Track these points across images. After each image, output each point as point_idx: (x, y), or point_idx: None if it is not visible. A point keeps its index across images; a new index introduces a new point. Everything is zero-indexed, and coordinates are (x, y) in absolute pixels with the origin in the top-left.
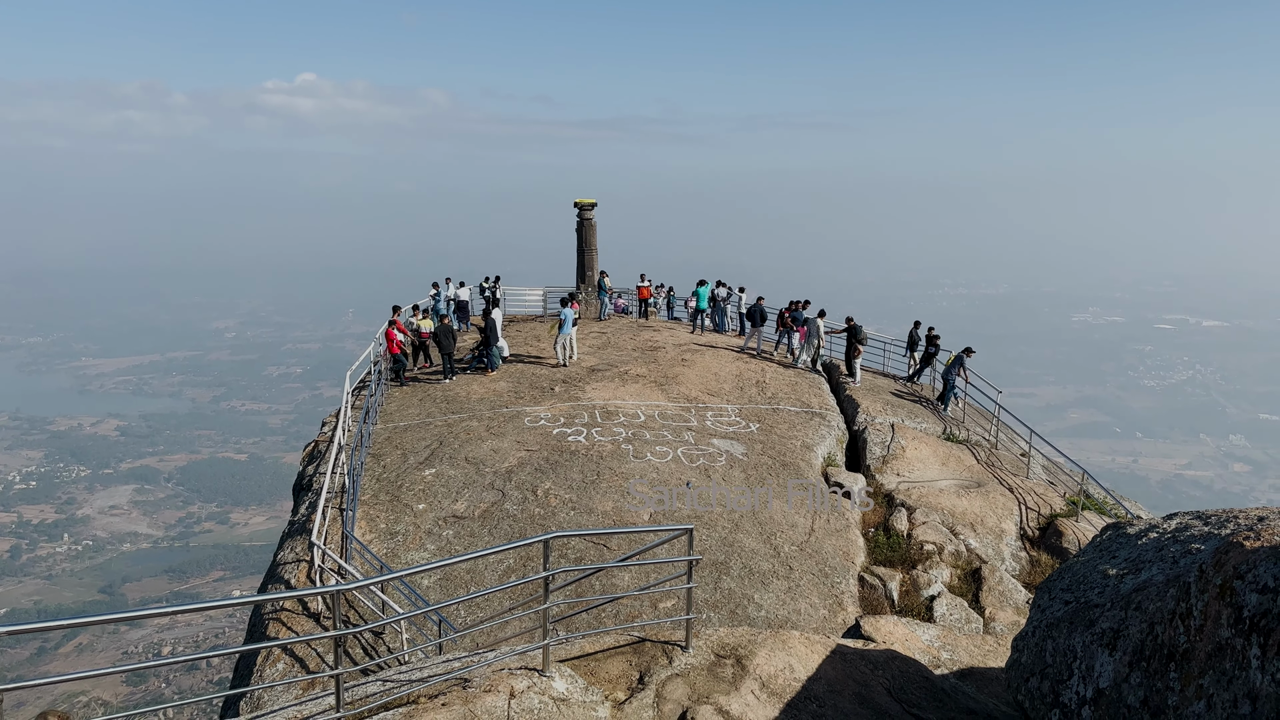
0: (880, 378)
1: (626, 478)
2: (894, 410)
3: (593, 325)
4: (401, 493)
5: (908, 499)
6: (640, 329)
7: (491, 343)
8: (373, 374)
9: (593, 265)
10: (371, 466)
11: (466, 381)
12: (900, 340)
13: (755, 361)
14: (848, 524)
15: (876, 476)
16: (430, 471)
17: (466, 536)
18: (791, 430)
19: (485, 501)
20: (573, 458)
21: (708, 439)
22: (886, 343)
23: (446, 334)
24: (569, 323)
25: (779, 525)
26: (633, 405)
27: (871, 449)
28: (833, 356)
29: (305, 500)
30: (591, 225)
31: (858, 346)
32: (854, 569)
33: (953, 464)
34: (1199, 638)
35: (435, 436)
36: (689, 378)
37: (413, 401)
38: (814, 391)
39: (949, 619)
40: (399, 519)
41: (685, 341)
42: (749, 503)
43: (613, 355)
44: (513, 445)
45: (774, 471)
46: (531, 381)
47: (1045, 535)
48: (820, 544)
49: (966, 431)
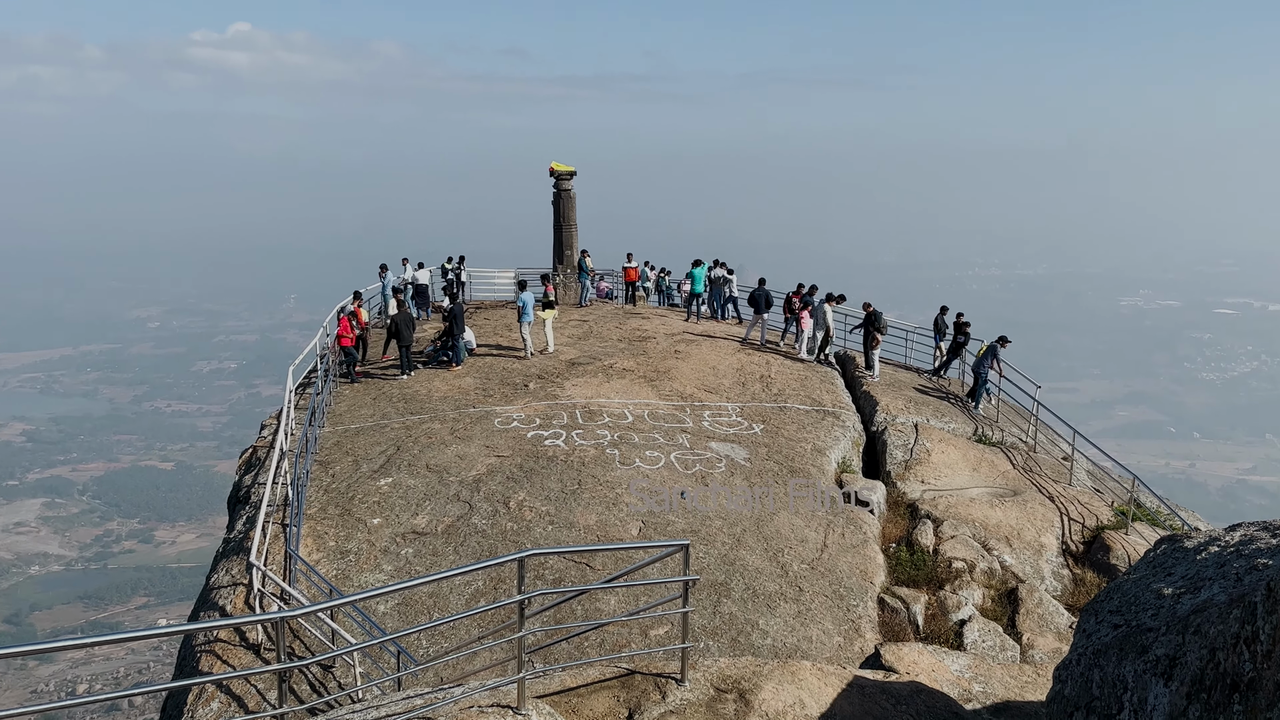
0: (902, 371)
1: (612, 487)
2: (918, 408)
3: (573, 312)
4: (353, 506)
5: (934, 510)
6: (627, 316)
7: (456, 333)
8: (319, 369)
9: (572, 243)
10: (319, 476)
11: (427, 378)
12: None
13: (759, 353)
14: (865, 539)
15: (898, 484)
16: (386, 481)
17: (429, 555)
18: (801, 432)
19: (450, 515)
20: (550, 464)
21: (705, 442)
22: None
23: (405, 323)
24: (529, 308)
25: (787, 540)
26: (619, 404)
27: (892, 453)
28: (848, 348)
29: (242, 515)
30: (570, 197)
31: (876, 336)
32: (873, 590)
33: (985, 469)
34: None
35: (392, 441)
36: (683, 372)
37: (365, 401)
38: (826, 387)
39: (981, 646)
40: (351, 536)
41: (679, 331)
42: (752, 515)
43: (595, 346)
44: (481, 451)
45: (781, 479)
46: (502, 377)
47: (1090, 550)
48: (834, 562)
49: (1000, 432)
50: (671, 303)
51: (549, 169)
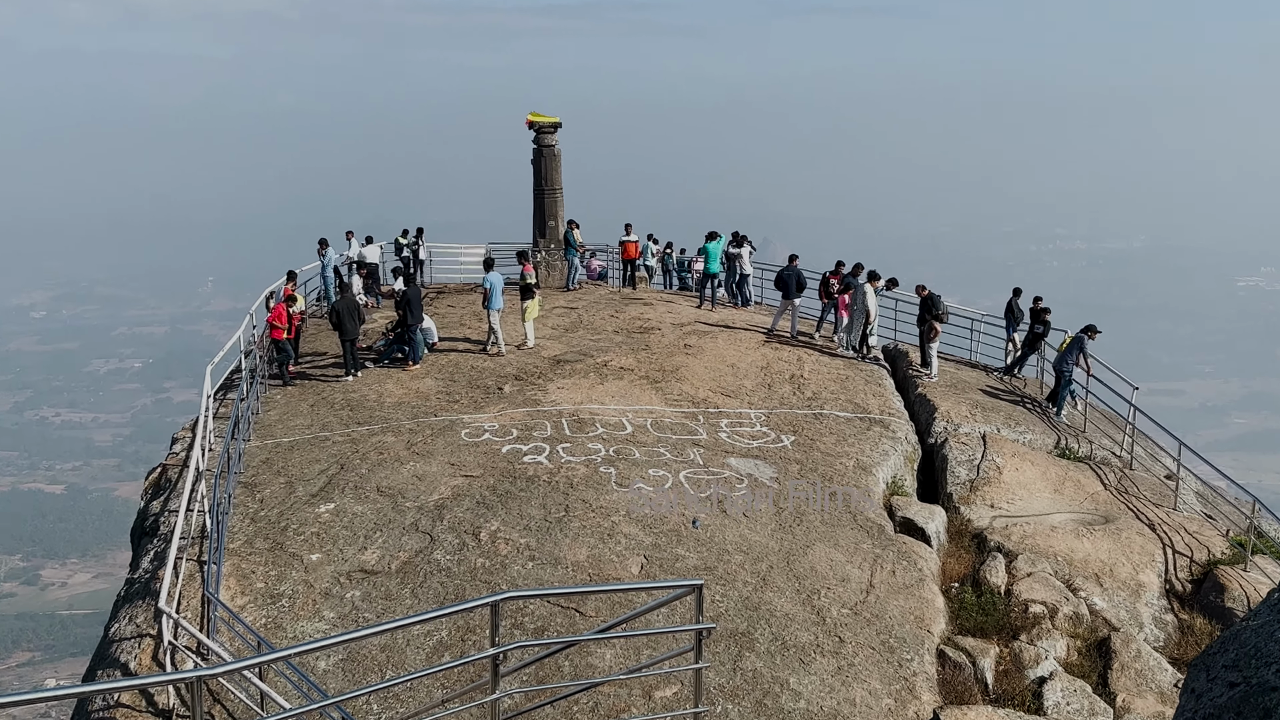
0: (966, 369)
1: (607, 514)
2: (986, 415)
3: (558, 297)
4: (287, 538)
5: (1006, 541)
6: (625, 302)
7: (412, 324)
8: (244, 369)
9: (556, 212)
10: (244, 501)
11: (378, 379)
12: (994, 316)
13: (789, 348)
14: (922, 577)
15: (962, 509)
16: (327, 508)
17: (380, 600)
18: (841, 445)
19: (406, 549)
20: (531, 486)
21: (722, 458)
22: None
23: (349, 312)
24: (498, 293)
25: (824, 579)
26: (615, 411)
27: (954, 470)
28: (899, 341)
29: (149, 550)
30: (554, 155)
31: (934, 326)
32: (931, 640)
33: (1069, 491)
34: None
35: (334, 458)
36: (695, 371)
37: (301, 408)
38: (872, 390)
39: (1065, 710)
40: (284, 575)
41: (689, 320)
42: (781, 548)
43: (586, 340)
44: (445, 469)
45: (816, 503)
46: (471, 378)
47: (1201, 591)
48: (883, 605)
49: (1089, 445)
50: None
51: (527, 120)
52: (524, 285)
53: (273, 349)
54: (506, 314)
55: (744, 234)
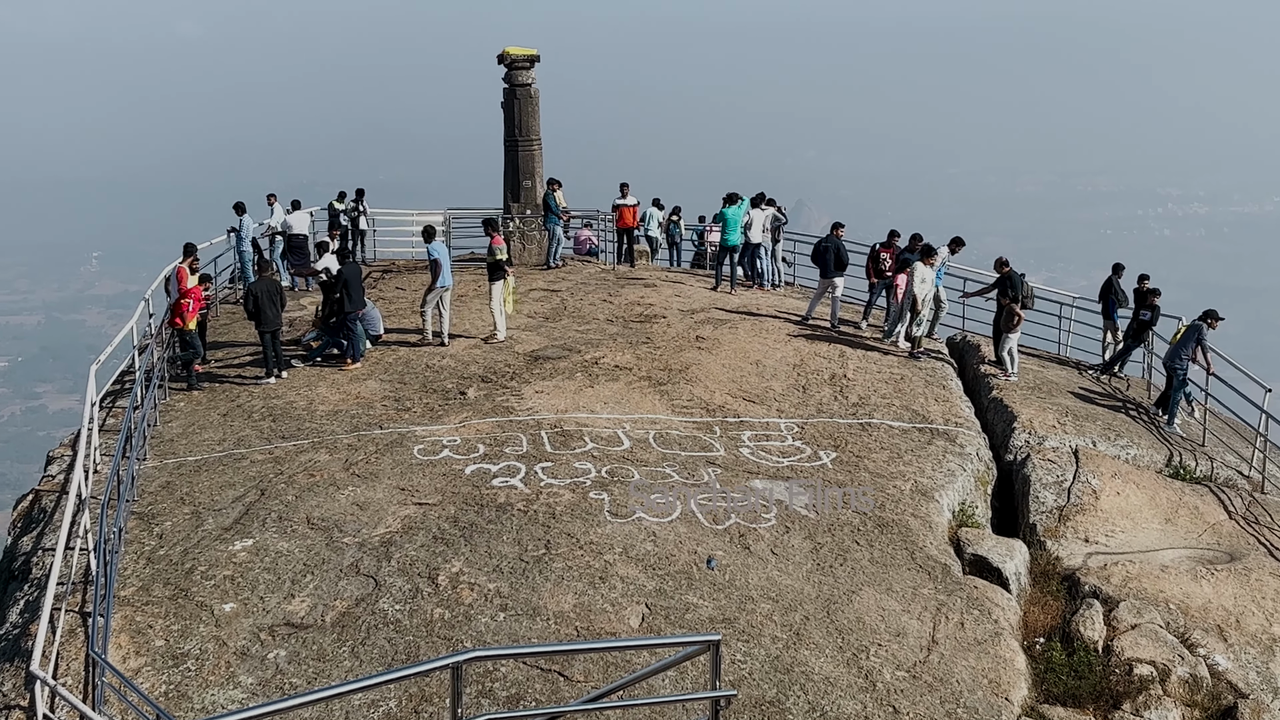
0: (1053, 366)
1: (599, 552)
2: (1079, 425)
3: (536, 277)
4: (193, 583)
5: (1104, 584)
6: (621, 283)
7: (351, 311)
8: (138, 369)
9: (533, 169)
10: (139, 537)
11: (307, 381)
12: (1089, 299)
13: (828, 341)
14: (998, 630)
15: (1048, 544)
16: (244, 545)
17: (312, 660)
18: (894, 463)
19: (344, 597)
20: (502, 517)
21: (745, 480)
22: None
23: (269, 296)
24: (447, 270)
25: (874, 634)
26: (609, 421)
27: (1039, 495)
28: (968, 329)
29: (19, 598)
30: (531, 97)
31: (1015, 312)
32: (1010, 711)
33: (1185, 520)
34: None
35: (253, 481)
36: (709, 371)
37: (211, 418)
38: (934, 393)
39: None
40: (189, 630)
41: (703, 305)
42: (819, 594)
43: (572, 331)
44: (393, 496)
45: (863, 537)
46: (426, 380)
47: None
48: (949, 667)
49: (1209, 462)
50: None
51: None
52: (492, 262)
53: (176, 342)
54: (471, 299)
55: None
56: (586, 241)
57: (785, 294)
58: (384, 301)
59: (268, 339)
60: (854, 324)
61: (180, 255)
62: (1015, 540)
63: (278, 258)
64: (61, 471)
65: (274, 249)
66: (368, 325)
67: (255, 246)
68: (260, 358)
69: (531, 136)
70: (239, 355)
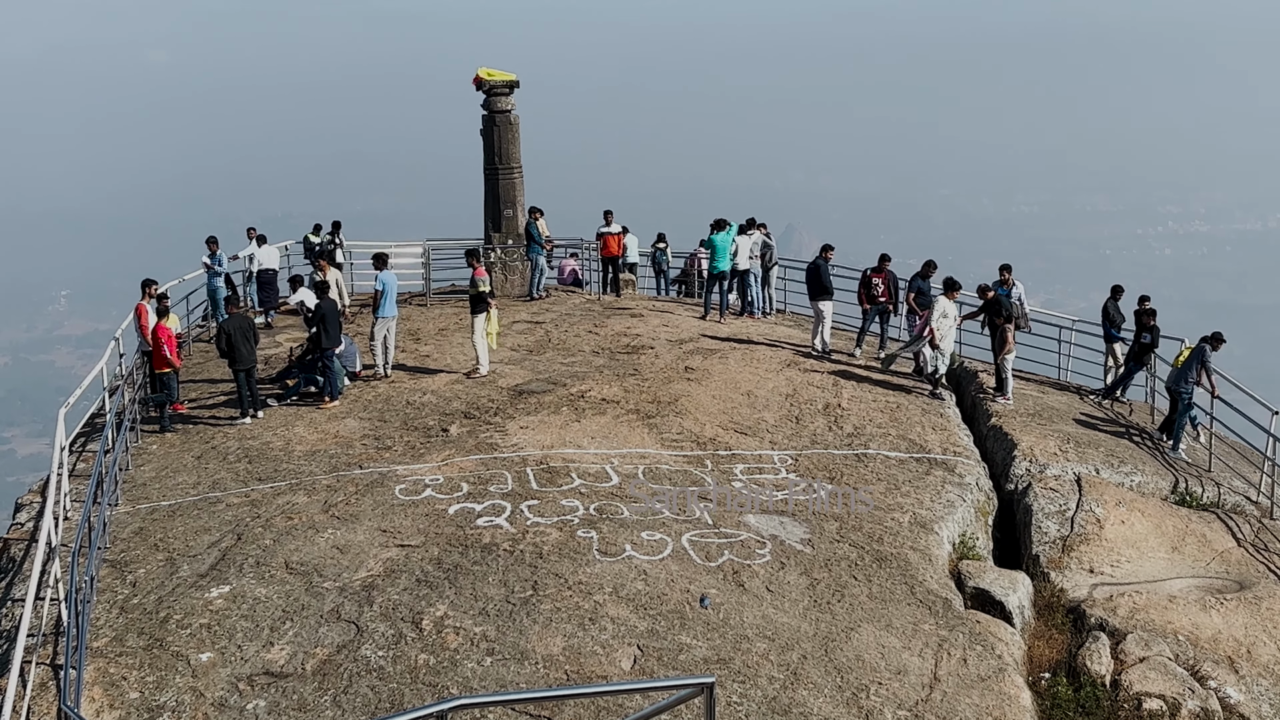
0: (1053, 392)
1: (588, 592)
2: (1080, 452)
3: (518, 309)
4: (168, 633)
5: (1111, 616)
6: (607, 313)
7: (329, 347)
8: (109, 411)
9: (514, 197)
10: (112, 585)
11: (284, 420)
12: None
13: (820, 369)
14: (1002, 666)
15: (1052, 576)
16: (221, 592)
17: (293, 710)
18: (892, 495)
19: (325, 644)
20: (487, 558)
21: (738, 515)
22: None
23: (242, 333)
24: (391, 298)
25: (874, 672)
26: (596, 457)
27: (1041, 525)
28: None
29: None
30: (510, 123)
31: (1008, 335)
32: None
33: (1192, 548)
34: None
35: (229, 526)
36: (700, 402)
37: (185, 461)
38: (931, 421)
39: None
40: (165, 682)
41: (692, 334)
42: (817, 631)
43: (557, 364)
44: (374, 538)
45: (861, 572)
46: (406, 418)
47: None
48: (952, 705)
49: (1216, 488)
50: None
51: (474, 78)
52: (475, 294)
53: (150, 384)
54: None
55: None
56: (571, 272)
57: (776, 322)
58: (361, 336)
59: (241, 377)
60: (851, 355)
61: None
62: (1018, 572)
63: (252, 293)
64: (30, 519)
65: (249, 284)
66: (345, 361)
67: (229, 282)
68: (234, 397)
69: (512, 164)
70: (212, 395)
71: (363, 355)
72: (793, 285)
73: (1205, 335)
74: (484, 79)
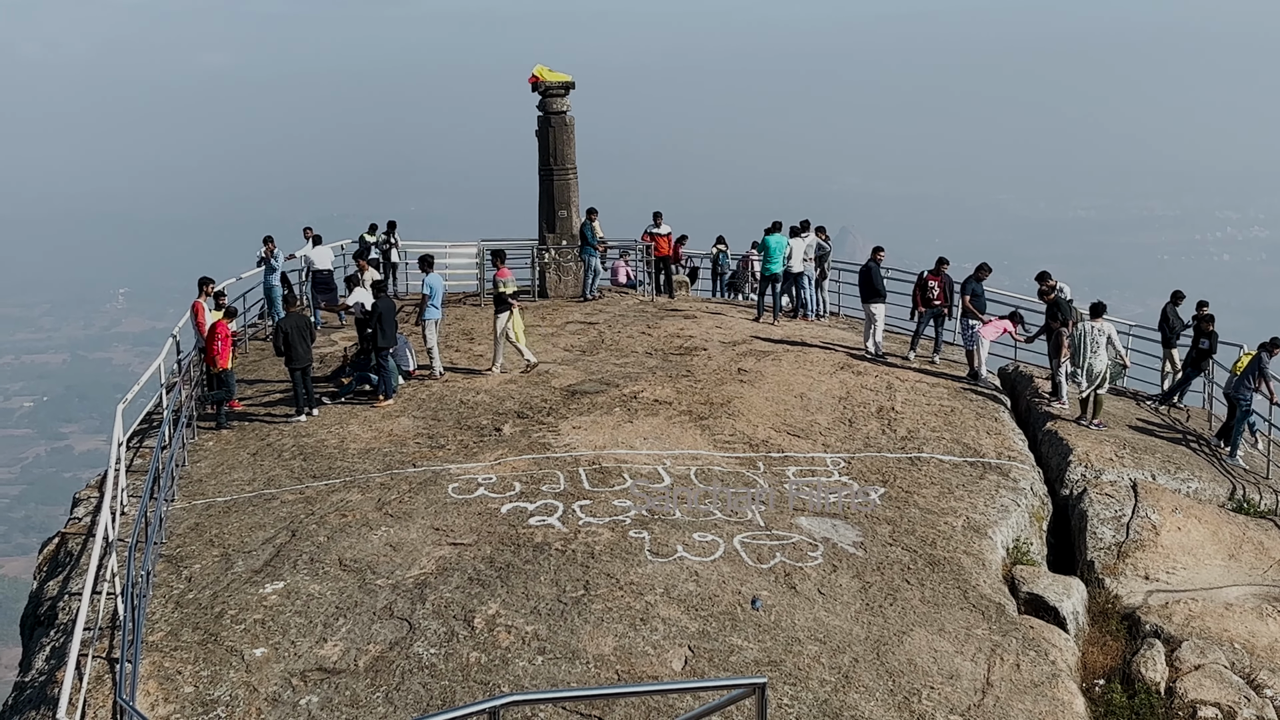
0: (1109, 397)
1: (639, 592)
2: (1137, 458)
3: (571, 310)
4: (223, 627)
5: (1166, 623)
6: (661, 314)
7: (384, 346)
8: (166, 408)
9: (569, 198)
10: (168, 579)
11: (339, 418)
12: (1146, 327)
13: (874, 372)
14: (1055, 672)
15: (1107, 582)
16: (275, 588)
17: (344, 707)
18: (946, 499)
19: (378, 641)
20: (539, 557)
21: (790, 517)
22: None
23: (299, 333)
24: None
25: (926, 676)
26: (649, 458)
27: (1096, 531)
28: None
29: (45, 644)
30: (566, 124)
31: (1063, 338)
32: None
33: (1249, 556)
34: None
35: (283, 522)
36: (752, 404)
37: (241, 458)
38: (986, 425)
39: None
40: (219, 676)
41: (745, 336)
42: (869, 635)
43: (610, 364)
44: (428, 536)
45: (914, 576)
46: (460, 416)
47: None
48: (1005, 710)
49: (1274, 495)
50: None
51: (531, 78)
52: (498, 295)
53: (208, 381)
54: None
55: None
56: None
57: (830, 324)
58: (416, 336)
59: (298, 376)
60: (904, 358)
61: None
62: (1072, 578)
63: (308, 293)
64: (88, 514)
65: (305, 284)
66: (399, 361)
67: (285, 281)
68: (290, 395)
69: (566, 165)
70: (269, 393)
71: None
72: (846, 288)
73: (1264, 341)
74: (540, 79)
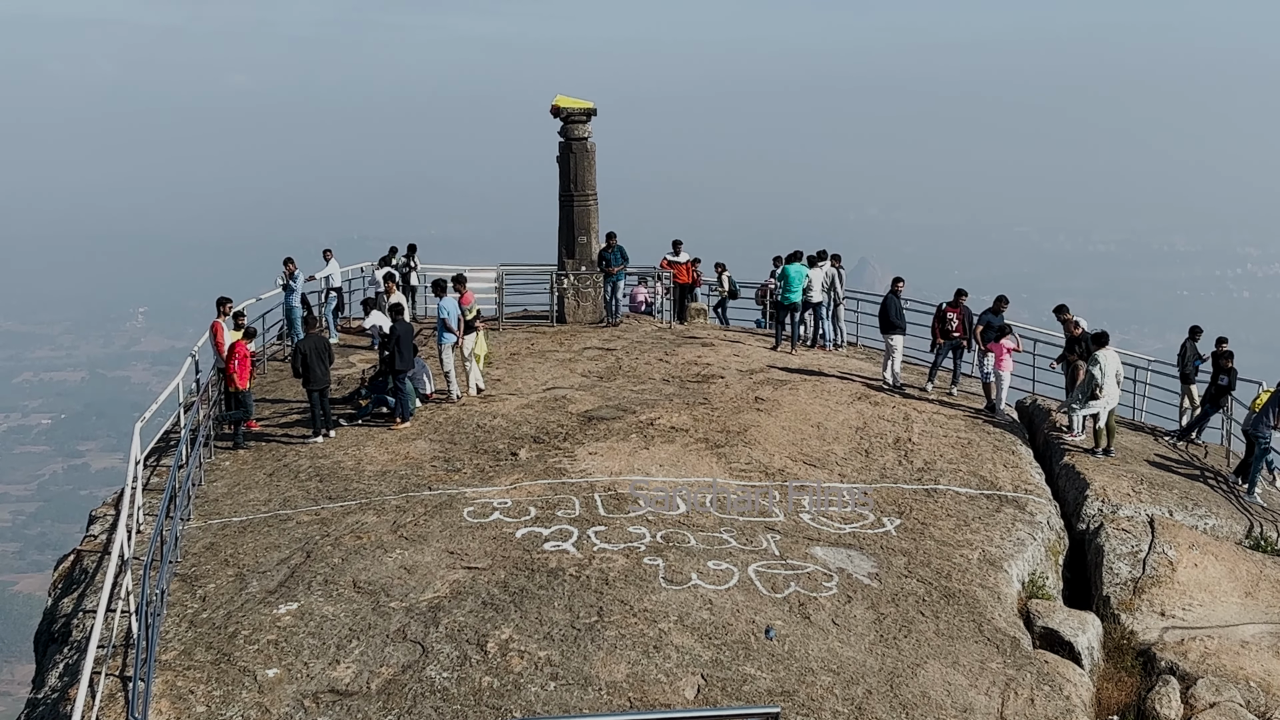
0: (1128, 432)
1: (653, 620)
2: (1154, 493)
3: (589, 335)
4: (236, 648)
5: (1182, 660)
6: (678, 341)
7: (402, 369)
8: (183, 427)
9: (589, 223)
10: (182, 598)
11: (355, 440)
12: (1165, 363)
13: (891, 403)
14: (1070, 707)
15: (1123, 618)
16: (289, 608)
17: None
18: (961, 531)
19: (391, 664)
20: (553, 582)
21: (805, 547)
22: (1140, 367)
23: (317, 354)
24: (454, 319)
25: (940, 709)
26: (664, 485)
27: (1113, 566)
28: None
29: (58, 661)
30: (587, 150)
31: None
32: None
33: (1266, 594)
34: None
35: (298, 543)
36: (769, 433)
37: (257, 478)
38: (1003, 459)
39: None
40: (231, 697)
41: (762, 365)
42: (883, 667)
43: (627, 391)
44: (442, 559)
45: (929, 608)
46: (476, 440)
47: None
48: None
49: None
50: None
51: (552, 106)
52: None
53: (226, 401)
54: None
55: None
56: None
57: (848, 354)
58: (434, 359)
59: (315, 397)
60: (922, 389)
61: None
62: (1088, 613)
63: (328, 314)
64: (104, 532)
65: (325, 305)
66: (417, 385)
67: (305, 303)
68: (308, 416)
69: (587, 191)
70: (286, 414)
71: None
72: (864, 318)
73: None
74: (561, 107)
